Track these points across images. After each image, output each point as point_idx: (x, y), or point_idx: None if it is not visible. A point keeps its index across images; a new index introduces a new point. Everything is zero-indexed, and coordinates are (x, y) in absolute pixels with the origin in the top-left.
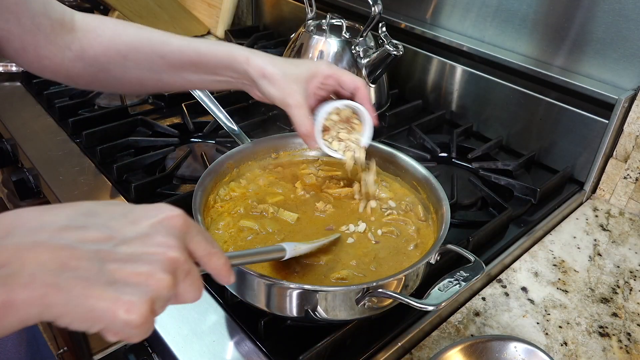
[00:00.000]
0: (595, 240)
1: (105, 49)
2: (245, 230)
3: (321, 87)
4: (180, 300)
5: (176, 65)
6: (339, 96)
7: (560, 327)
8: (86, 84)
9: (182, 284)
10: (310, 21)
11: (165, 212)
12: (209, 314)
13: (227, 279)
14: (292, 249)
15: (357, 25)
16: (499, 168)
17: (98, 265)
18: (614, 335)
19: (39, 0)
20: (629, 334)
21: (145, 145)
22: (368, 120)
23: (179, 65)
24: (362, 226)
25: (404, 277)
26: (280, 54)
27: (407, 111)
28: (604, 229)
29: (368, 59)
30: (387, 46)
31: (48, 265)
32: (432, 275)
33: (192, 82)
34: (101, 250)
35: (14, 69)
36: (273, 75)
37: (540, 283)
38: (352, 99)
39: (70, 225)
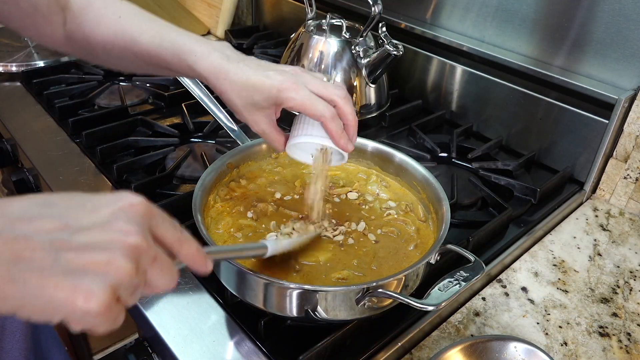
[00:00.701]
0: (595, 240)
1: (87, 37)
2: (245, 227)
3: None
4: (152, 288)
5: (150, 63)
6: None
7: (560, 327)
8: (83, 58)
9: (150, 271)
10: (310, 21)
11: (125, 200)
12: (209, 314)
13: (204, 268)
14: (273, 247)
15: (357, 25)
16: (499, 168)
17: (54, 255)
18: (614, 335)
19: None
20: (629, 334)
21: (145, 145)
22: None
23: (152, 64)
24: (361, 225)
25: (404, 277)
26: (280, 54)
27: (407, 111)
28: (604, 229)
29: (368, 59)
30: (387, 46)
31: (1, 258)
32: (432, 275)
33: (170, 74)
34: (57, 239)
35: (14, 69)
36: (231, 105)
37: (540, 283)
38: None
39: (24, 216)
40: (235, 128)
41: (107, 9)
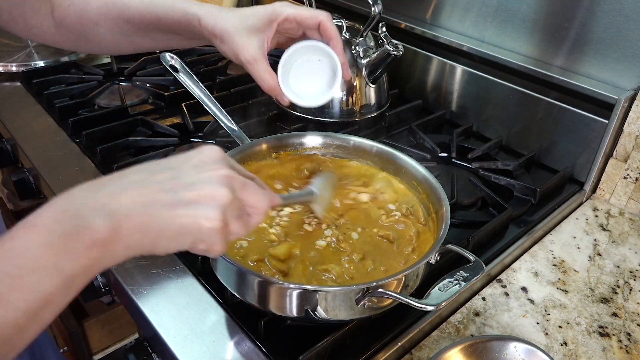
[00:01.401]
0: (595, 240)
1: (78, 16)
2: None
3: (281, 33)
4: (252, 207)
5: (142, 27)
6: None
7: (560, 327)
8: (72, 48)
9: (243, 193)
10: None
11: (208, 151)
12: (209, 314)
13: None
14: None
15: (357, 25)
16: (499, 168)
17: (172, 194)
18: (614, 335)
19: None
20: (629, 334)
21: (145, 145)
22: (337, 69)
23: (144, 27)
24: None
25: (404, 277)
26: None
27: (407, 111)
28: (604, 229)
29: (368, 59)
30: (387, 46)
31: (138, 201)
32: (432, 275)
33: (162, 42)
34: (172, 184)
35: (14, 69)
36: (223, 34)
37: (540, 283)
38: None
39: (144, 174)
40: (235, 128)
41: None
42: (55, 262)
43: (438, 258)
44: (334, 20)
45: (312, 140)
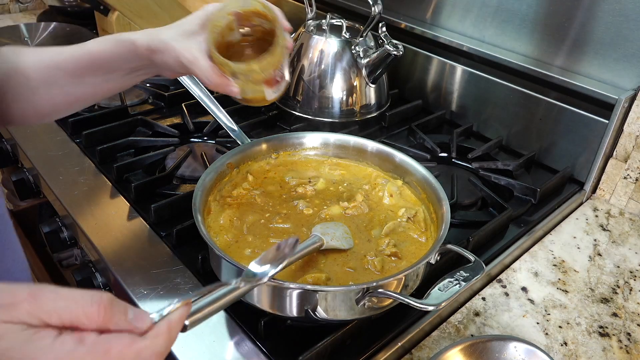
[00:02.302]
0: (595, 240)
1: (9, 72)
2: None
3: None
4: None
5: (76, 73)
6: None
7: (560, 327)
8: (3, 122)
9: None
10: (310, 21)
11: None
12: None
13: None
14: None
15: (357, 25)
16: (499, 168)
17: None
18: (614, 335)
19: None
20: (629, 334)
21: (145, 145)
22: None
23: (79, 73)
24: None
25: (404, 277)
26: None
27: (407, 111)
28: (604, 229)
29: (368, 59)
30: (387, 46)
31: None
32: (432, 275)
33: (99, 86)
34: None
35: None
36: (159, 45)
37: (540, 283)
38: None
39: None
40: (235, 128)
41: (22, 48)
42: None
43: (438, 258)
44: (334, 20)
45: (312, 140)
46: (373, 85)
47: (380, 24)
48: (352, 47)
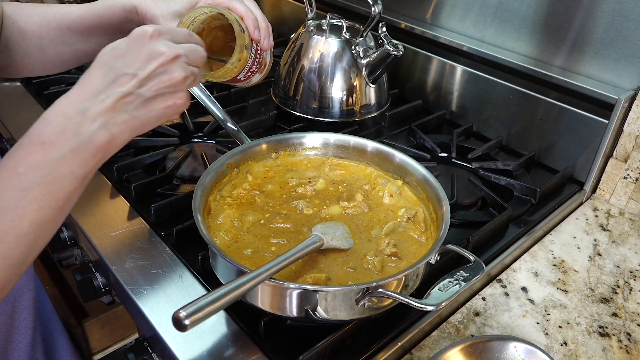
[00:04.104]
0: (595, 240)
1: (22, 32)
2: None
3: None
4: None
5: (83, 32)
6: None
7: (560, 327)
8: (16, 73)
9: (185, 57)
10: (310, 21)
11: (140, 40)
12: None
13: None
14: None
15: (357, 25)
16: (499, 168)
17: (143, 97)
18: (614, 335)
19: None
20: (629, 334)
21: (145, 145)
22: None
23: (86, 32)
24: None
25: (404, 277)
26: (280, 54)
27: (407, 111)
28: (604, 229)
29: (368, 59)
30: (387, 46)
31: (121, 109)
32: (432, 275)
33: (105, 45)
34: (137, 86)
35: None
36: (152, 19)
37: (540, 283)
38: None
39: (111, 80)
40: (235, 128)
41: (34, 6)
42: (71, 171)
43: (438, 258)
44: (334, 20)
45: (312, 140)
46: (373, 85)
47: (380, 24)
48: (352, 47)
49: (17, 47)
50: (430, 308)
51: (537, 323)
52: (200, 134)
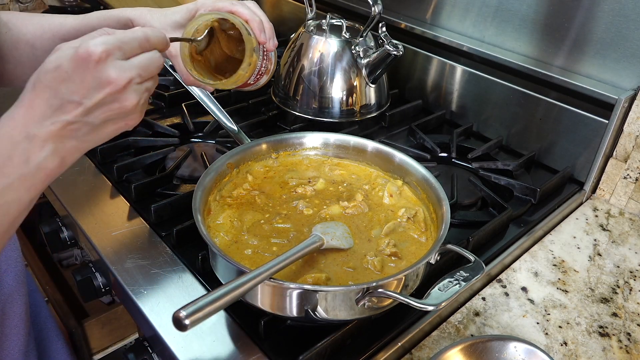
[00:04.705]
0: (595, 240)
1: (15, 41)
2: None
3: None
4: (153, 75)
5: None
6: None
7: (560, 327)
8: (9, 83)
9: (141, 77)
10: (310, 21)
11: (85, 65)
12: None
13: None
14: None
15: (357, 25)
16: (499, 168)
17: (93, 124)
18: (614, 335)
19: None
20: (629, 334)
21: (145, 145)
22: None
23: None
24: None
25: (404, 277)
26: (280, 55)
27: (407, 111)
28: (604, 229)
29: (368, 59)
30: (387, 46)
31: (70, 136)
32: (432, 275)
33: None
34: (82, 115)
35: None
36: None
37: (540, 283)
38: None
39: (55, 110)
40: (235, 128)
41: (30, 15)
42: (18, 197)
43: (438, 258)
44: (334, 20)
45: (312, 140)
46: (373, 85)
47: (380, 24)
48: (352, 47)
49: (9, 55)
50: (430, 308)
51: (537, 323)
52: (200, 134)
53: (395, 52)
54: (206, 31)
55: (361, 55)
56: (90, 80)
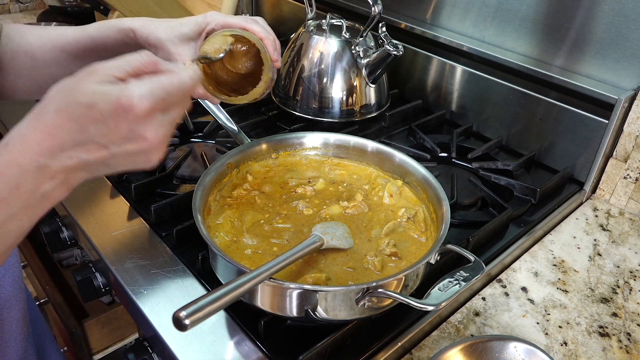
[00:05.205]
0: (595, 240)
1: (14, 52)
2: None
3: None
4: (178, 107)
5: (77, 54)
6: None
7: (560, 327)
8: (11, 95)
9: (167, 113)
10: (310, 21)
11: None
12: None
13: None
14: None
15: (357, 25)
16: (499, 168)
17: (107, 164)
18: (614, 335)
19: None
20: (629, 334)
21: None
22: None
23: (80, 54)
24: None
25: (404, 277)
26: (280, 55)
27: (407, 111)
28: (604, 229)
29: (368, 59)
30: (387, 46)
31: (82, 169)
32: (432, 275)
33: (92, 59)
34: (104, 159)
35: None
36: (157, 42)
37: (540, 283)
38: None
39: (76, 145)
40: (235, 128)
41: (30, 27)
42: (20, 226)
43: (438, 258)
44: (334, 20)
45: (312, 140)
46: (373, 85)
47: (380, 24)
48: (352, 47)
49: (9, 67)
50: (430, 308)
51: (537, 323)
52: (200, 134)
53: (395, 52)
54: (227, 49)
55: (361, 55)
56: (126, 131)
